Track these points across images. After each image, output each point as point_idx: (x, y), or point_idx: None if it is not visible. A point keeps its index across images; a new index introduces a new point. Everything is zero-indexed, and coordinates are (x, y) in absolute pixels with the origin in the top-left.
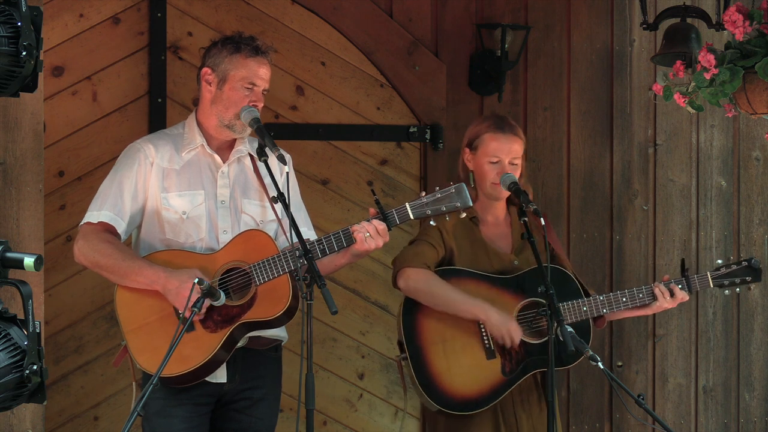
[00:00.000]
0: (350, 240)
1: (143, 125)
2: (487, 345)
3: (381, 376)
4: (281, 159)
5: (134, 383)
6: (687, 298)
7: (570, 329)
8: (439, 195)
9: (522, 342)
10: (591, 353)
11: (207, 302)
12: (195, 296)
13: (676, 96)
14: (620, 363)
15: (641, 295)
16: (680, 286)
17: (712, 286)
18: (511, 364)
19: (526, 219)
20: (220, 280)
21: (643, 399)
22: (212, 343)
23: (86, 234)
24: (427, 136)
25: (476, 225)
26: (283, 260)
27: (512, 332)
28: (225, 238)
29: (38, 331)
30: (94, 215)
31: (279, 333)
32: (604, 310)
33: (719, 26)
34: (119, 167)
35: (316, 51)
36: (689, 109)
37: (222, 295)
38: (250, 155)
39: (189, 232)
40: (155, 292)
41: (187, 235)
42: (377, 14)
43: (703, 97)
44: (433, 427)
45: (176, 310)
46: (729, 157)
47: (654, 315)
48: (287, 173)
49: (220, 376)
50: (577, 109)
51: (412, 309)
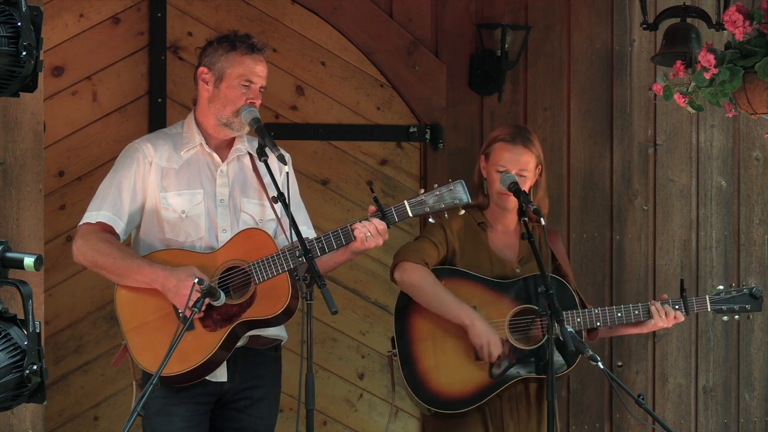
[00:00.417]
0: (349, 238)
1: (143, 125)
2: None
3: (381, 376)
4: (281, 159)
5: (134, 383)
6: (682, 319)
7: (570, 329)
8: (438, 192)
9: (512, 347)
10: (591, 353)
11: (206, 301)
12: (195, 296)
13: (676, 96)
14: (620, 363)
15: (637, 312)
16: (677, 307)
17: (710, 311)
18: (499, 367)
19: (526, 219)
20: (220, 279)
21: (643, 399)
22: (212, 342)
23: (85, 234)
24: (427, 136)
25: (483, 231)
26: (283, 259)
27: (491, 345)
28: (224, 237)
29: (38, 331)
30: (93, 215)
31: (279, 332)
32: (598, 323)
33: (719, 26)
34: (118, 167)
35: (316, 51)
36: (689, 109)
37: (222, 295)
38: (250, 154)
39: (188, 231)
40: (155, 292)
41: (187, 234)
42: (377, 14)
43: (703, 97)
44: (426, 426)
45: (176, 309)
46: (729, 157)
47: None
48: (287, 173)
49: (220, 375)
50: (577, 109)
51: (406, 305)
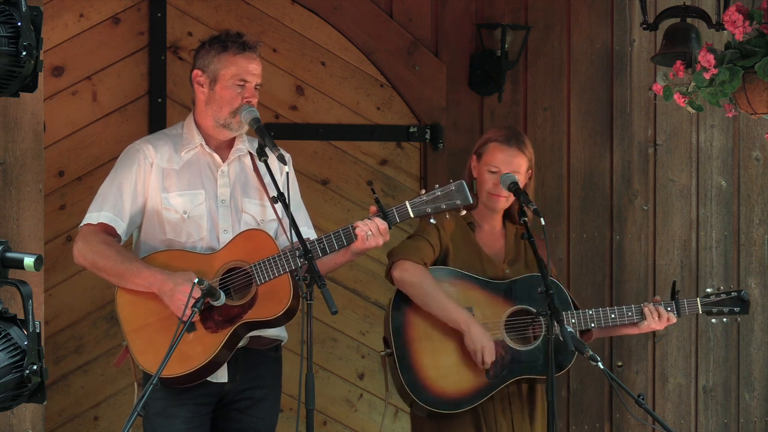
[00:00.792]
0: (350, 238)
1: (143, 125)
2: None
3: (381, 376)
4: (281, 159)
5: (136, 383)
6: (674, 321)
7: (570, 329)
8: (439, 193)
9: (508, 348)
10: (591, 353)
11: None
12: (195, 295)
13: (676, 96)
14: (620, 363)
15: (630, 314)
16: (669, 309)
17: (701, 312)
18: (495, 368)
19: (526, 219)
20: (221, 280)
21: (643, 399)
22: (214, 343)
23: (86, 235)
24: (427, 136)
25: (473, 231)
26: (284, 260)
27: (486, 351)
28: (226, 238)
29: (38, 331)
30: (94, 216)
31: (279, 333)
32: (592, 324)
33: (719, 26)
34: (119, 168)
35: (316, 51)
36: (689, 109)
37: (222, 295)
38: (250, 153)
39: (190, 232)
40: (156, 294)
41: (188, 235)
42: (377, 14)
43: (703, 97)
44: (419, 428)
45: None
46: (729, 157)
47: None
48: (287, 173)
49: (221, 376)
50: (577, 109)
51: (403, 304)
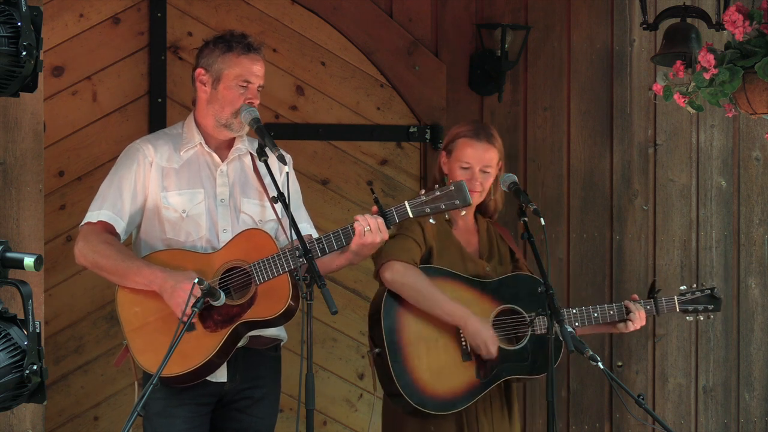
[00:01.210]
0: (349, 238)
1: (143, 125)
2: (464, 346)
3: None
4: (281, 159)
5: (136, 383)
6: (644, 323)
7: (570, 329)
8: (439, 193)
9: (497, 347)
10: (591, 353)
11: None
12: (194, 297)
13: (676, 96)
14: (620, 363)
15: (612, 312)
16: (648, 307)
17: (679, 311)
18: (485, 369)
19: (526, 219)
20: (221, 280)
21: (643, 399)
22: (213, 343)
23: (86, 235)
24: (427, 136)
25: (450, 228)
26: (283, 259)
27: (489, 343)
28: (225, 237)
29: (38, 331)
30: (94, 215)
31: (278, 333)
32: (576, 324)
33: (719, 26)
34: (118, 167)
35: (316, 51)
36: (689, 109)
37: (222, 295)
38: (250, 153)
39: (189, 231)
40: (156, 293)
41: (188, 234)
42: (377, 14)
43: (703, 97)
44: (398, 425)
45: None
46: (729, 157)
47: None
48: (287, 173)
49: (221, 376)
50: (577, 109)
51: (393, 306)
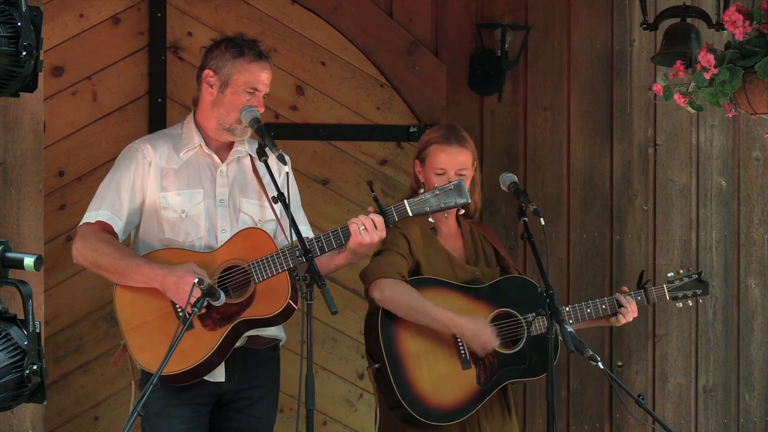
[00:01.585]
0: (348, 237)
1: (143, 125)
2: (463, 355)
3: None
4: (281, 159)
5: (134, 383)
6: (636, 314)
7: (570, 329)
8: (438, 192)
9: (495, 352)
10: (591, 353)
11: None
12: (195, 295)
13: (676, 96)
14: (620, 363)
15: (604, 306)
16: (639, 298)
17: (669, 299)
18: (486, 375)
19: (526, 219)
20: (219, 279)
21: (643, 399)
22: (211, 342)
23: (84, 235)
24: None
25: (435, 235)
26: (282, 258)
27: (488, 341)
28: (224, 237)
29: (38, 331)
30: (92, 215)
31: (277, 333)
32: (570, 321)
33: (719, 26)
34: (117, 168)
35: (316, 51)
36: (689, 109)
37: (222, 295)
38: (249, 155)
39: (188, 231)
40: (154, 291)
41: (186, 234)
42: (377, 14)
43: (703, 97)
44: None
45: (175, 308)
46: (729, 157)
47: (654, 315)
48: (287, 173)
49: (219, 376)
50: (577, 109)
51: (390, 320)
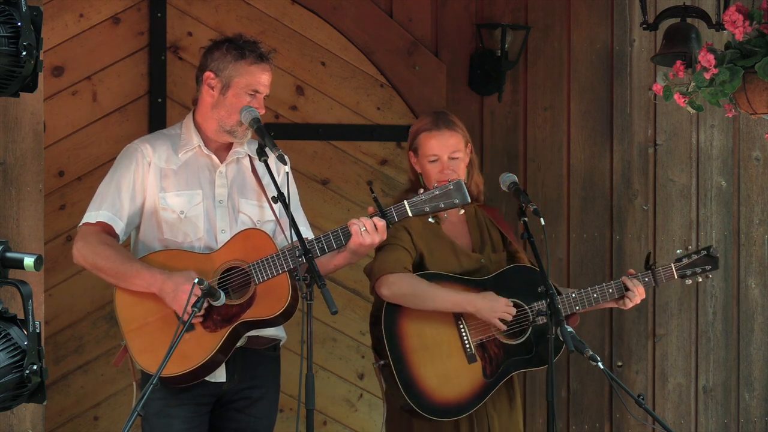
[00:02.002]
0: (348, 237)
1: (143, 125)
2: (468, 349)
3: None
4: (281, 159)
5: (134, 383)
6: (644, 296)
7: (570, 329)
8: (437, 192)
9: (501, 343)
10: (591, 353)
11: (206, 303)
12: (195, 296)
13: (676, 96)
14: (620, 363)
15: (611, 290)
16: (647, 279)
17: (677, 278)
18: (492, 367)
19: (526, 219)
20: (219, 280)
21: (643, 399)
22: (212, 343)
23: (85, 235)
24: None
25: (438, 225)
26: (282, 259)
27: (505, 309)
28: (223, 238)
29: (38, 331)
30: (93, 215)
31: (277, 333)
32: (577, 308)
33: (719, 26)
34: (117, 168)
35: (316, 51)
36: (689, 109)
37: (222, 295)
38: (248, 156)
39: (187, 232)
40: (155, 293)
41: (185, 235)
42: (377, 14)
43: (703, 97)
44: (405, 429)
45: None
46: (729, 157)
47: (654, 315)
48: (287, 173)
49: (219, 376)
50: (577, 109)
51: (393, 317)
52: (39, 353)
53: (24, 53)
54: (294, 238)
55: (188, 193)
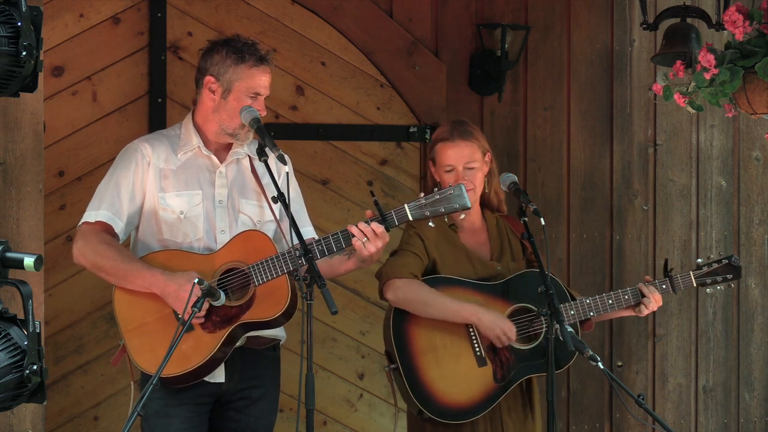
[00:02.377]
0: (349, 240)
1: (143, 125)
2: (478, 352)
3: (381, 376)
4: (281, 159)
5: (133, 383)
6: (660, 297)
7: (570, 329)
8: (438, 196)
9: (512, 348)
10: (591, 353)
11: (206, 304)
12: (195, 296)
13: (676, 96)
14: (620, 363)
15: (627, 297)
16: (664, 287)
17: (695, 285)
18: (503, 371)
19: (526, 219)
20: (219, 281)
21: (643, 399)
22: (211, 344)
23: (85, 234)
24: (427, 136)
25: (455, 232)
26: (282, 261)
27: (506, 331)
28: (223, 238)
29: (38, 331)
30: (92, 215)
31: (277, 333)
32: (591, 313)
33: (719, 26)
34: (116, 167)
35: (316, 51)
36: (689, 109)
37: (222, 296)
38: (248, 156)
39: (186, 232)
40: (154, 293)
41: (185, 235)
42: (377, 14)
43: (703, 97)
44: (419, 429)
45: (175, 312)
46: (729, 157)
47: (654, 315)
48: (287, 173)
49: (219, 376)
50: (577, 109)
51: (401, 319)
52: (39, 353)
53: (24, 53)
54: (294, 239)
55: (188, 194)
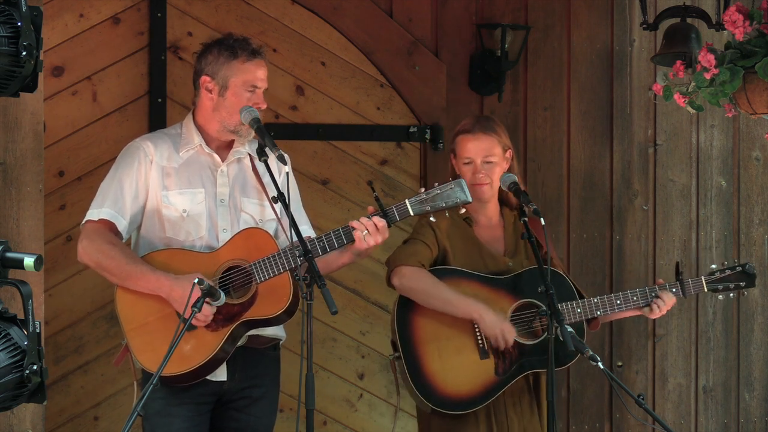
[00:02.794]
0: (350, 237)
1: (143, 125)
2: (481, 345)
3: (381, 376)
4: (281, 159)
5: (135, 383)
6: (674, 301)
7: (570, 329)
8: (439, 191)
9: (516, 343)
10: (591, 353)
11: (211, 310)
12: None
13: (676, 96)
14: (620, 363)
15: (635, 298)
16: (674, 290)
17: (707, 291)
18: (504, 365)
19: (527, 219)
20: (221, 279)
21: (643, 399)
22: (213, 342)
23: (89, 233)
24: (427, 136)
25: (470, 225)
26: (284, 258)
27: (506, 333)
28: (225, 237)
29: (38, 331)
30: (95, 212)
31: (277, 332)
32: (598, 312)
33: (719, 26)
34: (119, 165)
35: (316, 51)
36: (689, 109)
37: (222, 295)
38: (249, 155)
39: (189, 230)
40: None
41: (187, 233)
42: (377, 14)
43: (703, 97)
44: (427, 428)
45: (178, 312)
46: (729, 157)
47: None
48: (287, 173)
49: (220, 375)
50: (577, 109)
51: (407, 308)
52: (39, 353)
53: (24, 53)
54: (294, 238)
55: (191, 192)
